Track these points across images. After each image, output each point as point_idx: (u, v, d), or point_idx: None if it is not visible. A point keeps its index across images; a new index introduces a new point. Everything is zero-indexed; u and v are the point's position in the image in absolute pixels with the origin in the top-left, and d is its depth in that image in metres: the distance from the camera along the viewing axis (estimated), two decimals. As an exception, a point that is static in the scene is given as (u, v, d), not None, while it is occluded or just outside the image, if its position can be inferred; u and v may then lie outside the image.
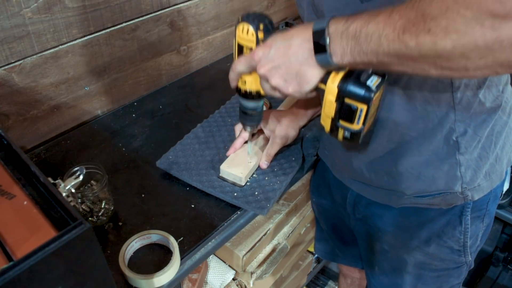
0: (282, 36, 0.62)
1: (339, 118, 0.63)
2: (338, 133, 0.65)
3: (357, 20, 0.54)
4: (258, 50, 0.64)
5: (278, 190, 0.87)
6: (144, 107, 1.12)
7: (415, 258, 0.87)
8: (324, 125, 0.67)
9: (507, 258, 1.59)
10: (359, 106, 0.60)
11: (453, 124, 0.70)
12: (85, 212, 0.77)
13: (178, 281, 0.74)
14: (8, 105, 0.91)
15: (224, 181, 0.88)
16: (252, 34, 0.66)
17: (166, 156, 0.92)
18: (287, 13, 1.61)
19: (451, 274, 0.88)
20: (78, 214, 0.47)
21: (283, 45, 0.61)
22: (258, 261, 1.11)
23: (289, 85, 0.63)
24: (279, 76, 0.62)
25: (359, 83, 0.59)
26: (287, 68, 0.61)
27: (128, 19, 1.05)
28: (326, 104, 0.63)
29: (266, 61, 0.63)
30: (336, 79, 0.61)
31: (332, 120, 0.64)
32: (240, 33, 0.67)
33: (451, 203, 0.77)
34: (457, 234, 0.81)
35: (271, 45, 0.62)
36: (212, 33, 1.31)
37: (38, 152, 0.95)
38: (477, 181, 0.75)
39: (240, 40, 0.68)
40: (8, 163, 0.57)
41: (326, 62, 0.58)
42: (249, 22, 0.66)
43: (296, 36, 0.60)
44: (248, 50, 0.68)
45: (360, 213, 0.92)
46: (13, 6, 0.83)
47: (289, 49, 0.60)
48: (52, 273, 0.44)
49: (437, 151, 0.72)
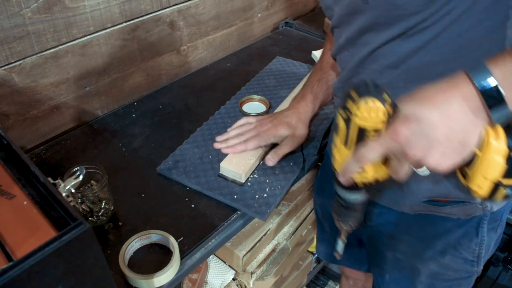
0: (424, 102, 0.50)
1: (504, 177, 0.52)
2: (498, 194, 0.54)
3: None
4: (402, 129, 0.49)
5: (279, 196, 0.87)
6: (144, 107, 1.12)
7: (428, 268, 0.85)
8: (478, 190, 0.54)
9: (507, 258, 1.59)
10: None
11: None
12: (85, 212, 0.77)
13: (178, 281, 0.74)
14: (8, 105, 0.91)
15: (224, 180, 0.88)
16: (383, 113, 0.51)
17: (166, 161, 0.92)
18: (287, 13, 1.61)
19: (462, 283, 0.87)
20: (78, 214, 0.47)
21: (438, 114, 0.49)
22: (258, 261, 1.11)
23: (449, 159, 0.51)
24: (440, 152, 0.50)
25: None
26: (449, 140, 0.49)
27: (128, 19, 1.05)
28: (490, 167, 0.52)
29: (418, 139, 0.49)
30: (499, 137, 0.50)
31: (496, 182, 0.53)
32: (364, 114, 0.51)
33: (470, 214, 0.76)
34: (473, 246, 0.80)
35: (417, 118, 0.49)
36: (212, 33, 1.31)
37: (38, 152, 0.95)
38: None
39: (364, 122, 0.52)
40: (8, 163, 0.57)
41: (505, 116, 0.48)
42: (374, 96, 0.50)
43: (448, 99, 0.49)
44: (372, 132, 0.53)
45: (372, 220, 0.89)
46: (13, 6, 0.83)
47: (448, 116, 0.48)
48: (52, 273, 0.44)
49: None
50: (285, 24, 1.57)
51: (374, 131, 0.52)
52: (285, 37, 1.49)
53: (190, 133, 1.01)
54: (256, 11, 1.44)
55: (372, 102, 0.50)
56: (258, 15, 1.46)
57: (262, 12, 1.47)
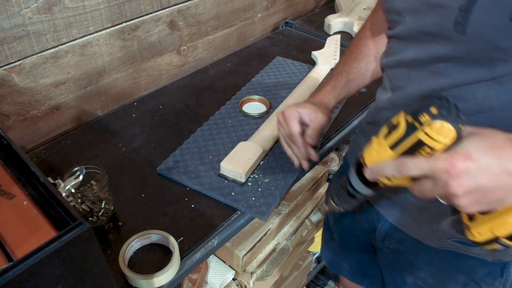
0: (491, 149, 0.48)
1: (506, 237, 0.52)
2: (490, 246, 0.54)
3: None
4: (460, 163, 0.47)
5: (279, 196, 0.87)
6: (144, 107, 1.12)
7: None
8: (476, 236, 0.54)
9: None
10: None
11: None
12: (85, 212, 0.77)
13: (178, 281, 0.74)
14: (8, 105, 0.91)
15: (225, 180, 0.88)
16: (452, 139, 0.49)
17: (166, 161, 0.92)
18: (287, 13, 1.61)
19: None
20: (78, 214, 0.47)
21: (497, 165, 0.47)
22: (258, 261, 1.11)
23: (478, 207, 0.50)
24: (475, 199, 0.49)
25: None
26: (491, 192, 0.48)
27: (128, 19, 1.05)
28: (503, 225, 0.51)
29: (468, 181, 0.47)
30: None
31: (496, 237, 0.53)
32: (433, 132, 0.49)
33: (499, 259, 0.73)
34: (497, 284, 0.76)
35: (477, 160, 0.47)
36: (212, 33, 1.31)
37: (38, 152, 0.95)
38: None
39: (427, 138, 0.50)
40: (8, 163, 0.57)
41: None
42: (452, 122, 0.48)
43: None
44: (429, 150, 0.50)
45: (392, 245, 0.86)
46: (13, 6, 0.83)
47: (506, 172, 0.47)
48: (52, 273, 0.44)
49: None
50: (285, 24, 1.57)
51: (429, 149, 0.50)
52: (285, 37, 1.49)
53: (190, 133, 1.01)
54: (256, 11, 1.44)
55: (448, 128, 0.48)
56: (258, 15, 1.46)
57: (262, 12, 1.47)
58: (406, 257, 0.85)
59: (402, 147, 0.52)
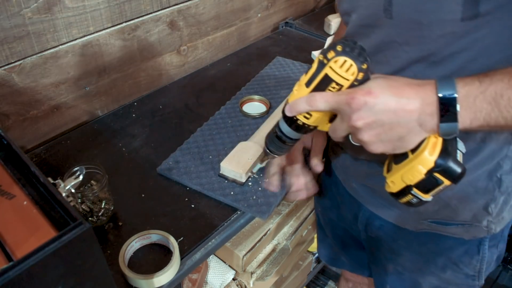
0: (391, 88, 0.53)
1: (416, 186, 0.56)
2: (404, 198, 0.59)
3: (494, 82, 0.49)
4: (360, 97, 0.52)
5: (280, 195, 0.87)
6: (144, 107, 1.12)
7: (429, 282, 0.85)
8: (391, 185, 0.59)
9: (507, 258, 1.59)
10: (446, 183, 0.55)
11: (502, 160, 0.66)
12: (85, 212, 0.77)
13: (178, 281, 0.74)
14: (8, 105, 0.91)
15: (225, 180, 0.88)
16: (353, 73, 0.54)
17: (166, 161, 0.92)
18: (287, 13, 1.61)
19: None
20: (78, 214, 0.47)
21: (395, 103, 0.52)
22: (258, 261, 1.11)
23: (382, 146, 0.55)
24: (376, 134, 0.54)
25: (456, 161, 0.54)
26: (391, 129, 0.53)
27: (128, 19, 1.05)
28: (411, 172, 0.56)
29: (367, 114, 0.52)
30: (434, 152, 0.54)
31: (407, 186, 0.57)
32: (336, 66, 0.54)
33: (474, 236, 0.75)
34: (474, 262, 0.79)
35: (378, 96, 0.52)
36: (212, 33, 1.31)
37: (38, 152, 0.95)
38: (501, 214, 0.73)
39: (333, 73, 0.55)
40: (8, 163, 0.57)
41: (452, 131, 0.52)
42: (353, 58, 0.54)
43: (413, 97, 0.52)
44: (337, 86, 0.56)
45: (373, 233, 0.88)
46: (13, 6, 0.83)
47: (403, 110, 0.52)
48: (52, 273, 0.44)
49: (476, 184, 0.69)
50: (285, 24, 1.56)
51: (337, 86, 0.56)
52: (285, 37, 1.49)
53: (190, 133, 1.01)
54: (256, 11, 1.44)
55: (350, 62, 0.54)
56: (258, 15, 1.46)
57: (262, 12, 1.47)
58: (387, 243, 0.86)
59: (314, 83, 0.57)
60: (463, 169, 0.54)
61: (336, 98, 0.55)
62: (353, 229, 0.97)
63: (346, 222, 0.98)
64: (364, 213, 0.87)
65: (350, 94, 0.53)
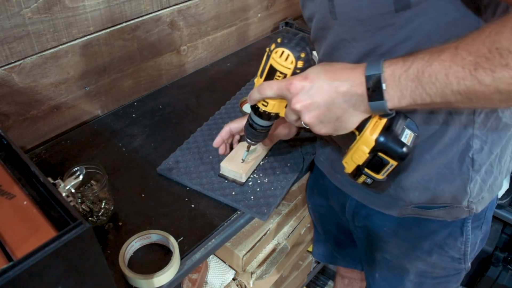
0: (326, 72, 0.58)
1: (366, 166, 0.60)
2: (360, 178, 0.62)
3: (416, 60, 0.52)
4: (297, 82, 0.59)
5: (280, 196, 0.87)
6: (144, 107, 1.12)
7: (416, 267, 0.86)
8: (346, 166, 0.64)
9: (507, 258, 1.59)
10: (391, 162, 0.58)
11: (471, 140, 0.68)
12: (85, 212, 0.77)
13: (178, 281, 0.74)
14: (8, 105, 0.91)
15: (225, 180, 0.88)
16: (291, 62, 0.61)
17: (166, 161, 0.92)
18: (287, 13, 1.61)
19: (450, 280, 0.88)
20: (78, 214, 0.47)
21: (328, 86, 0.57)
22: (258, 261, 1.11)
23: (324, 126, 0.60)
24: (316, 116, 0.59)
25: (397, 140, 0.57)
26: (327, 110, 0.58)
27: (128, 19, 1.05)
28: (357, 152, 0.60)
29: (304, 97, 0.58)
30: (375, 131, 0.58)
31: (358, 167, 0.61)
32: (277, 57, 0.62)
33: (456, 216, 0.77)
34: (459, 244, 0.81)
35: (313, 81, 0.58)
36: (212, 33, 1.31)
37: (38, 152, 0.95)
38: (481, 194, 0.75)
39: (275, 64, 0.62)
40: (8, 163, 0.57)
41: (381, 109, 0.55)
42: (290, 49, 0.60)
43: (344, 79, 0.56)
44: (281, 75, 0.63)
45: (361, 222, 0.90)
46: (13, 6, 0.83)
47: (335, 92, 0.57)
48: (52, 273, 0.44)
49: (450, 166, 0.71)
50: (285, 24, 1.56)
51: (281, 75, 0.63)
52: (285, 37, 1.48)
53: (190, 133, 1.01)
54: (256, 11, 1.44)
55: (287, 52, 0.61)
56: (258, 15, 1.46)
57: (262, 12, 1.47)
58: (373, 231, 0.88)
59: (264, 74, 0.65)
60: (407, 149, 0.56)
61: (278, 85, 0.62)
62: (342, 220, 0.99)
63: (336, 214, 1.00)
64: (351, 202, 0.89)
65: (289, 80, 0.60)
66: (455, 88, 0.50)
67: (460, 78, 0.49)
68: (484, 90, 0.48)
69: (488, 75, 0.47)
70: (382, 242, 0.87)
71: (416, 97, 0.53)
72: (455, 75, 0.49)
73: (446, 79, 0.50)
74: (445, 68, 0.50)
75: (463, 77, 0.49)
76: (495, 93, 0.48)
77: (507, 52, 0.45)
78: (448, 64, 0.49)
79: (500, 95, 0.48)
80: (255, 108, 0.70)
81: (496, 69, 0.46)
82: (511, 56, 0.45)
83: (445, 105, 0.53)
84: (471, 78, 0.48)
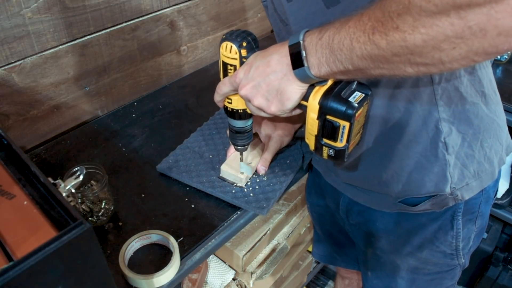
0: (261, 54, 0.62)
1: (322, 136, 0.62)
2: (323, 152, 0.64)
3: (330, 29, 0.54)
4: (239, 71, 0.64)
5: (278, 190, 0.87)
6: (144, 107, 1.12)
7: (408, 263, 0.86)
8: (308, 143, 0.66)
9: (507, 258, 1.59)
10: (341, 123, 0.59)
11: (439, 125, 0.69)
12: (85, 212, 0.77)
13: (178, 281, 0.74)
14: (8, 105, 0.91)
15: (224, 182, 0.88)
16: (235, 52, 0.65)
17: (166, 160, 0.92)
18: (287, 13, 1.61)
19: (444, 276, 0.88)
20: (78, 214, 0.47)
21: (262, 63, 0.61)
22: (258, 261, 1.11)
23: (271, 104, 0.62)
24: (261, 95, 0.62)
25: (340, 99, 0.58)
26: (267, 85, 0.61)
27: (128, 19, 1.05)
28: (309, 122, 0.62)
29: (246, 81, 0.62)
30: (317, 96, 0.60)
31: (316, 137, 0.63)
32: (223, 51, 0.66)
33: (443, 205, 0.76)
34: (449, 239, 0.81)
35: (252, 64, 0.62)
36: (212, 33, 1.31)
37: (38, 152, 0.95)
38: (465, 180, 0.74)
39: (224, 58, 0.67)
40: (8, 163, 0.57)
41: (305, 76, 0.58)
42: (231, 40, 0.64)
43: (274, 53, 0.60)
44: (232, 68, 0.67)
45: (354, 219, 0.91)
46: (13, 6, 0.83)
47: (268, 66, 0.60)
48: (52, 273, 0.44)
49: (425, 153, 0.71)
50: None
51: (232, 67, 0.66)
52: (285, 37, 1.49)
53: (190, 133, 1.01)
54: (256, 11, 1.44)
55: (229, 43, 0.64)
56: (258, 15, 1.46)
57: (262, 12, 1.47)
58: (366, 227, 0.88)
59: (221, 71, 0.69)
60: (353, 106, 0.58)
61: (229, 79, 0.66)
62: (338, 219, 0.99)
63: (332, 213, 1.00)
64: (344, 200, 0.90)
65: (234, 73, 0.65)
66: (359, 53, 0.51)
67: (362, 43, 0.50)
68: (384, 54, 0.49)
69: (383, 39, 0.47)
70: (374, 238, 0.88)
71: (331, 64, 0.54)
72: (357, 40, 0.50)
73: (350, 44, 0.51)
74: (349, 34, 0.51)
75: (363, 41, 0.50)
76: (393, 57, 0.48)
77: (396, 15, 0.45)
78: (352, 30, 0.51)
79: (399, 59, 0.48)
80: (226, 110, 0.74)
81: (389, 32, 0.47)
82: (400, 18, 0.45)
83: (360, 72, 0.54)
84: (370, 43, 0.49)
